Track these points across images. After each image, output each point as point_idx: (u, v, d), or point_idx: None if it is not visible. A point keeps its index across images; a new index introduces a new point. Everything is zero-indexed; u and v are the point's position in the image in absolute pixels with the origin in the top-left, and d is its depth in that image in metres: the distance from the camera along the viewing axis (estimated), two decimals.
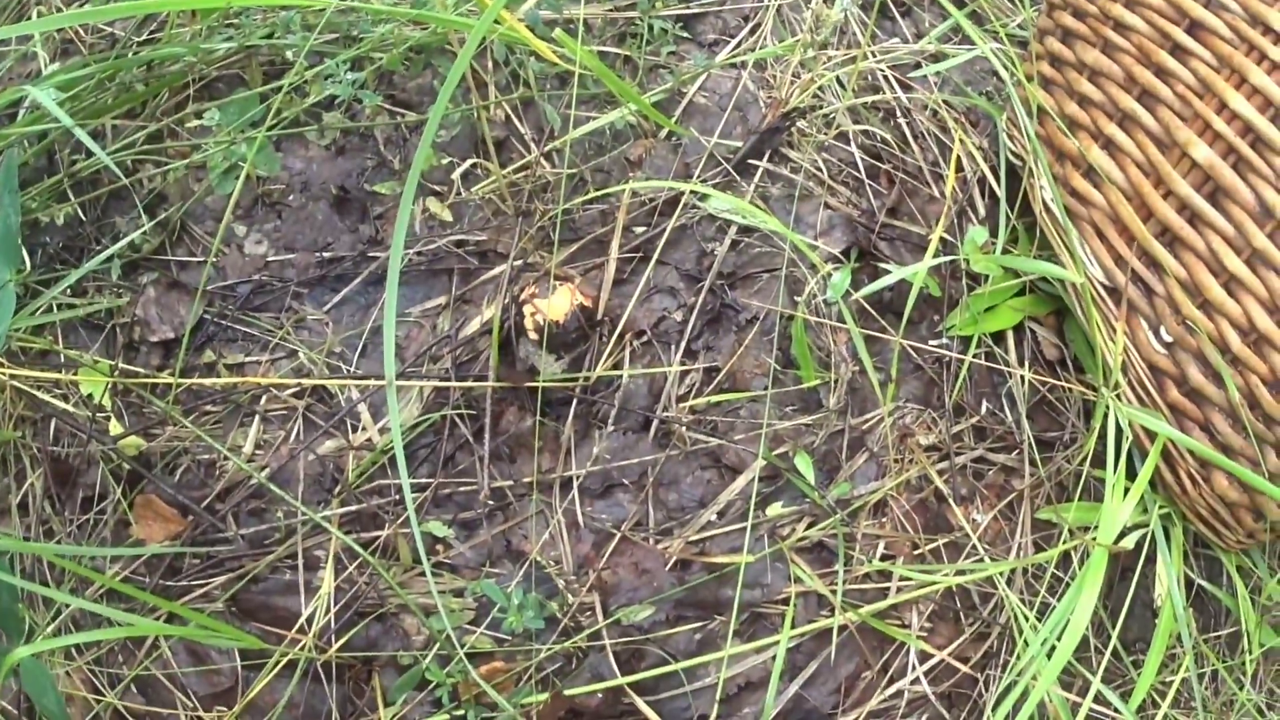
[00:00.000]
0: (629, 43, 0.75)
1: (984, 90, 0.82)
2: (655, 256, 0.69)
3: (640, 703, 0.62)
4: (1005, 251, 0.74)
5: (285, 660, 0.60)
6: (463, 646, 0.60)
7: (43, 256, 0.70)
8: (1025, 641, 0.64)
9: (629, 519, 0.64)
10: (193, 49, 0.69)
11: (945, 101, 0.79)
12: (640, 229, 0.69)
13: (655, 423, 0.65)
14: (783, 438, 0.67)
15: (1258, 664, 0.77)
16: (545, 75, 0.73)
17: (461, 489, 0.64)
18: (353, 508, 0.63)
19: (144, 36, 0.74)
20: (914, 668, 0.66)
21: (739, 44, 0.78)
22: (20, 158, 0.68)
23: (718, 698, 0.62)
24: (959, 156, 0.78)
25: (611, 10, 0.76)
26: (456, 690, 0.59)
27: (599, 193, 0.69)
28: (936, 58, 0.82)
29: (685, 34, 0.77)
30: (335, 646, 0.61)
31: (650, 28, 0.75)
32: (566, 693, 0.60)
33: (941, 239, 0.75)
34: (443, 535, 0.63)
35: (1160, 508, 0.71)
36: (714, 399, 0.66)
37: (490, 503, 0.63)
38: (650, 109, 0.67)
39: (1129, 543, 0.63)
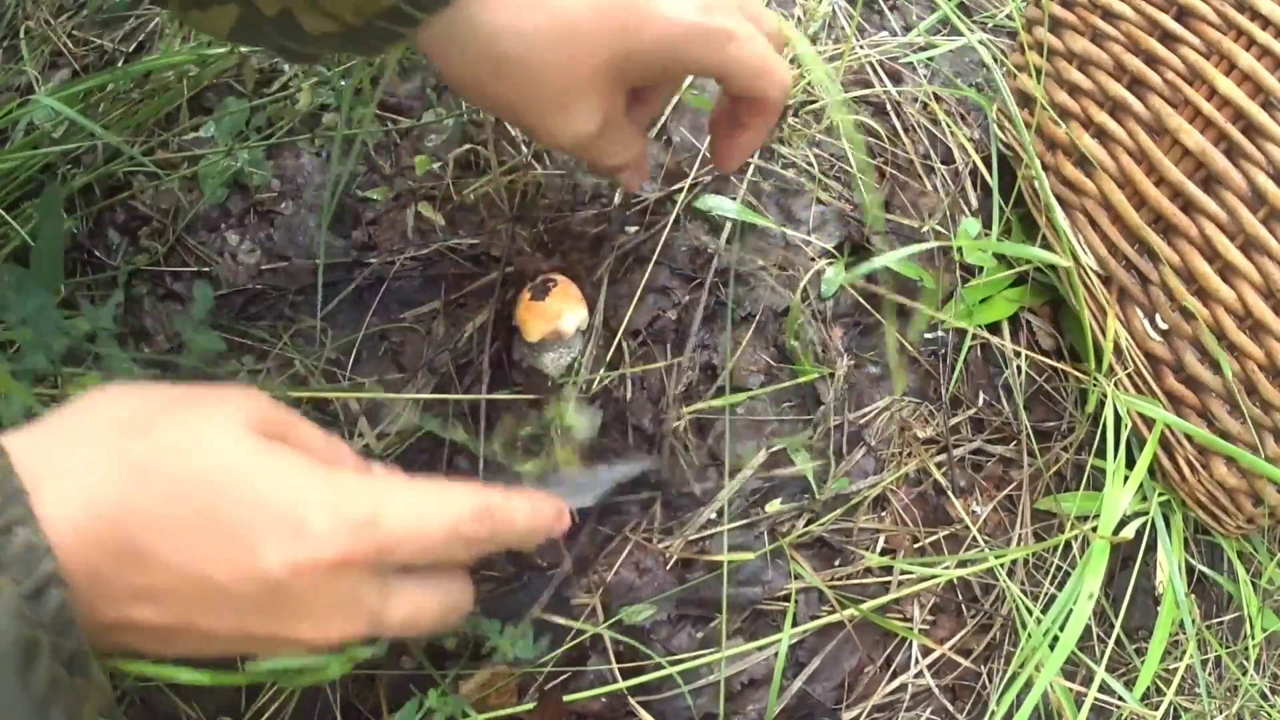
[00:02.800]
0: None
1: (974, 81, 0.82)
2: (650, 256, 0.69)
3: (638, 707, 0.62)
4: (1000, 242, 0.74)
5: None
6: (465, 651, 0.61)
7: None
8: (1029, 633, 0.64)
9: (629, 519, 0.64)
10: (193, 56, 0.69)
11: (935, 94, 0.79)
12: (633, 229, 0.69)
13: (653, 422, 0.65)
14: (780, 434, 0.67)
15: (1260, 649, 0.77)
16: None
17: None
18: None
19: (132, 48, 0.74)
20: (917, 661, 0.66)
21: None
22: (21, 174, 0.68)
23: (722, 695, 0.62)
24: (951, 149, 0.78)
25: None
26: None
27: (591, 194, 0.69)
28: (926, 50, 0.82)
29: None
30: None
31: None
32: (567, 699, 0.60)
33: (935, 231, 0.75)
34: None
35: (1160, 495, 0.71)
36: (712, 399, 0.66)
37: None
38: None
39: (1129, 532, 0.63)
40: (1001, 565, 0.68)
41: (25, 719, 0.35)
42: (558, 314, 0.58)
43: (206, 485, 0.39)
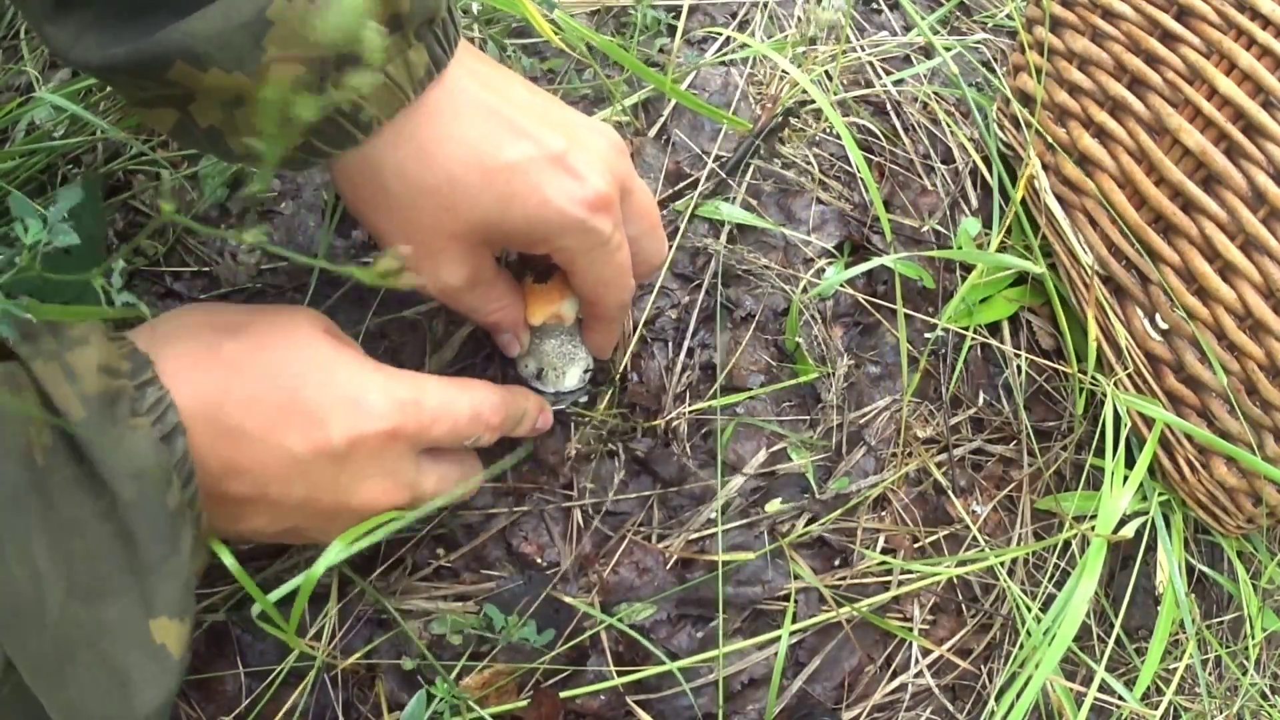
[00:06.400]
0: (618, 35, 0.75)
1: (974, 81, 0.82)
2: None
3: (636, 707, 0.62)
4: (1002, 242, 0.74)
5: (291, 670, 0.60)
6: (465, 651, 0.61)
7: None
8: (1028, 632, 0.64)
9: (629, 519, 0.64)
10: None
11: (935, 93, 0.79)
12: None
13: (653, 421, 0.65)
14: (781, 434, 0.67)
15: (1260, 648, 0.77)
16: (535, 73, 0.73)
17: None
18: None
19: None
20: (917, 660, 0.66)
21: (727, 40, 0.77)
22: (21, 174, 0.68)
23: (721, 696, 0.62)
24: (951, 148, 0.78)
25: (599, 5, 0.76)
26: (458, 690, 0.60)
27: None
28: (926, 50, 0.82)
29: (674, 23, 0.77)
30: (351, 659, 0.61)
31: (644, 17, 0.75)
32: (562, 695, 0.60)
33: (935, 231, 0.75)
34: (444, 551, 0.63)
35: (1160, 495, 0.71)
36: (712, 398, 0.66)
37: (490, 505, 0.63)
38: (670, 84, 0.67)
39: (1128, 531, 0.63)
40: (1001, 565, 0.68)
41: (164, 526, 0.40)
42: (560, 297, 0.58)
43: (290, 374, 0.46)
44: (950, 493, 0.69)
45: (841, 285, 0.70)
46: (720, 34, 0.78)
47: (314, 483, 0.46)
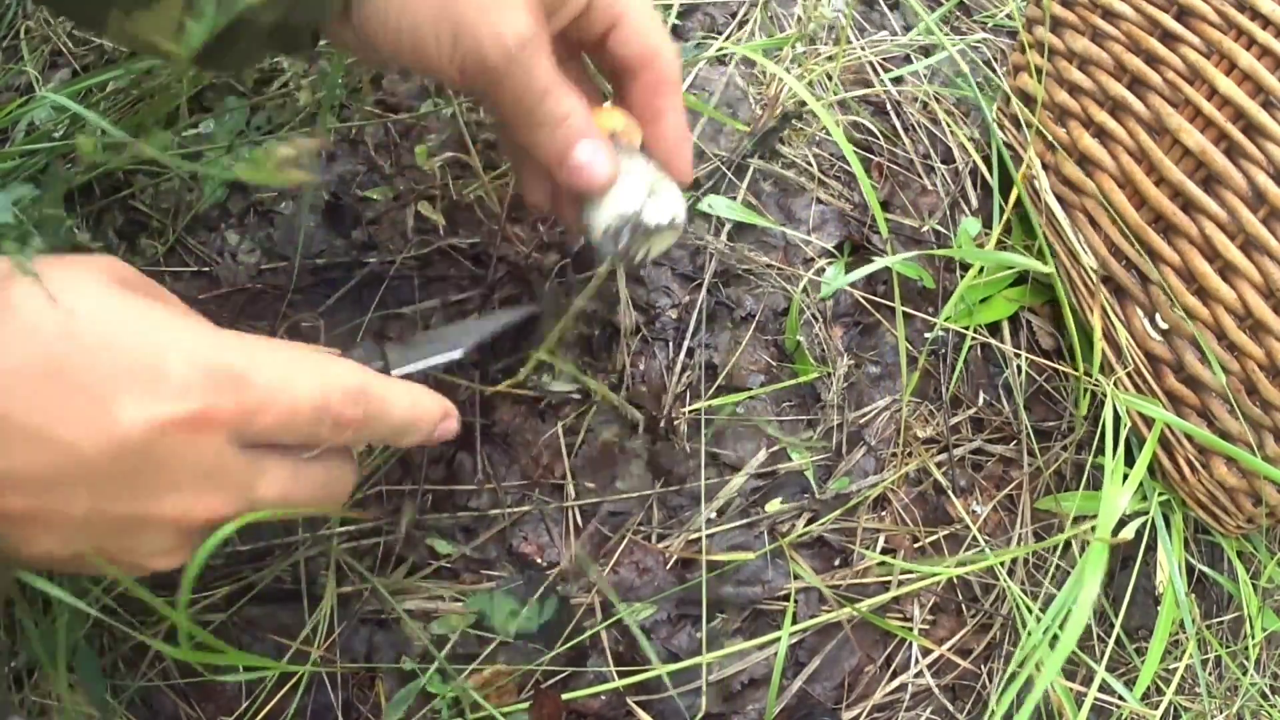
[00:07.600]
0: None
1: (974, 81, 0.82)
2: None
3: (636, 707, 0.62)
4: (1000, 242, 0.74)
5: (286, 670, 0.60)
6: (471, 655, 0.60)
7: None
8: (1028, 632, 0.64)
9: (629, 518, 0.64)
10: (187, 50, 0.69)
11: (935, 93, 0.79)
12: None
13: (653, 421, 0.65)
14: (781, 433, 0.67)
15: (1260, 648, 0.77)
16: None
17: (460, 490, 0.64)
18: (352, 516, 0.63)
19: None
20: (917, 660, 0.66)
21: (727, 39, 0.77)
22: (21, 174, 0.68)
23: (726, 694, 0.62)
24: (951, 148, 0.78)
25: None
26: (458, 700, 0.60)
27: None
28: (926, 50, 0.82)
29: (669, 21, 0.77)
30: (343, 662, 0.61)
31: None
32: (565, 696, 0.60)
33: (935, 231, 0.75)
34: (444, 551, 0.63)
35: (1160, 495, 0.71)
36: (712, 398, 0.66)
37: (489, 506, 0.63)
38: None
39: (1129, 532, 0.63)
40: (1001, 565, 0.68)
41: None
42: (619, 114, 0.52)
43: (63, 336, 0.35)
44: (950, 493, 0.69)
45: (842, 286, 0.70)
46: (715, 40, 0.78)
47: (102, 489, 0.36)
